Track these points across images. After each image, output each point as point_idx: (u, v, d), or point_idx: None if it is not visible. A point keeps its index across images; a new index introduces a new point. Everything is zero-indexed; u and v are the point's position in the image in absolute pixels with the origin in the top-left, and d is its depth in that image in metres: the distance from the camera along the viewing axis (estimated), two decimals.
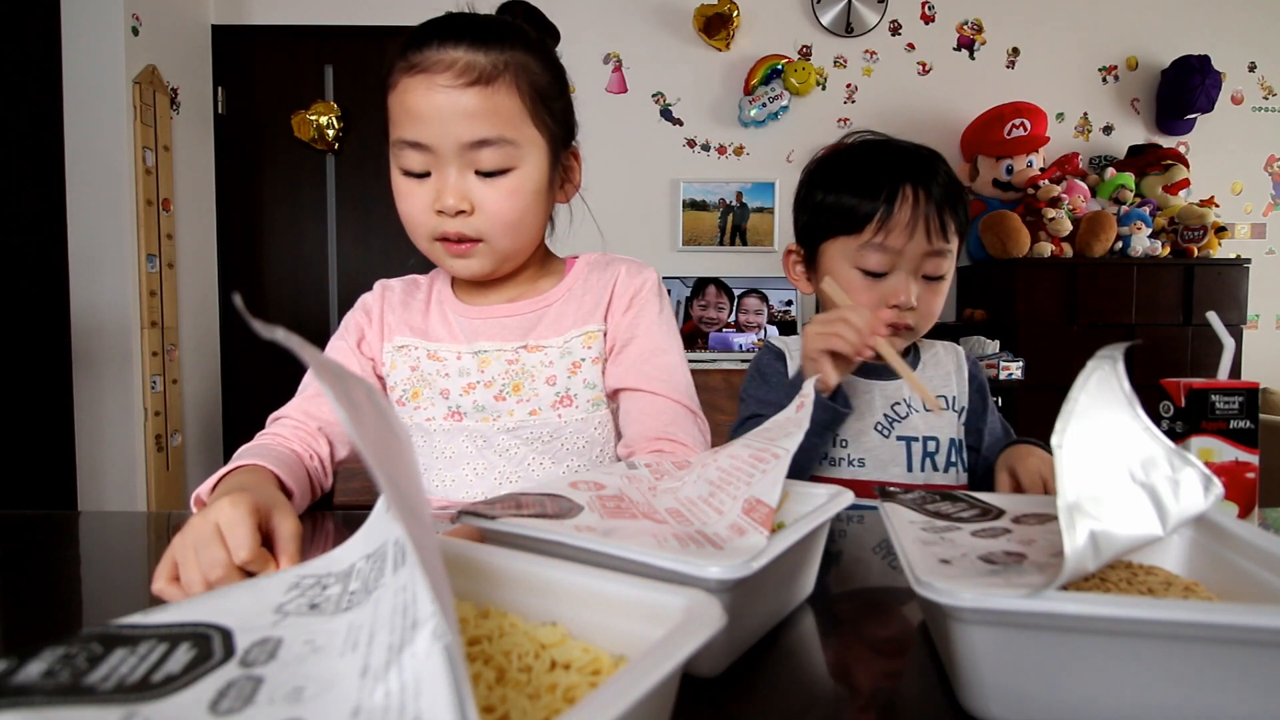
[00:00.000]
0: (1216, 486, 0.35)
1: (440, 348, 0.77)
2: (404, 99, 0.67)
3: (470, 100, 0.65)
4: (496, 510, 0.40)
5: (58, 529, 0.67)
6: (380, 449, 0.24)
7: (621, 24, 3.12)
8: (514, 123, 0.67)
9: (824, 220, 0.82)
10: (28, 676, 0.21)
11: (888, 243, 0.77)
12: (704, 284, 3.02)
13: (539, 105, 0.69)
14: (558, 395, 0.75)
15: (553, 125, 0.71)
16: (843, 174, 0.82)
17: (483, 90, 0.66)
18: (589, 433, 0.76)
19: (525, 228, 0.72)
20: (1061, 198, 2.82)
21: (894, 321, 0.79)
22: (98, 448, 2.48)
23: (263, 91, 3.03)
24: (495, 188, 0.68)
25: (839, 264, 0.81)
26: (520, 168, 0.69)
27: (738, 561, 0.32)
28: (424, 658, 0.19)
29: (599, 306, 0.78)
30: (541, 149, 0.70)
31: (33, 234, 2.39)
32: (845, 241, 0.80)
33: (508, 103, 0.66)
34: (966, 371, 0.90)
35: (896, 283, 0.78)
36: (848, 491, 0.46)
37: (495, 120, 0.66)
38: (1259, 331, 3.25)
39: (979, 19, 3.18)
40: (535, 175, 0.70)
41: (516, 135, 0.67)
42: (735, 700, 0.34)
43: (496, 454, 0.75)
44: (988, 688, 0.31)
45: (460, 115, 0.65)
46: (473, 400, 0.75)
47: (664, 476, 0.51)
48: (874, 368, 0.86)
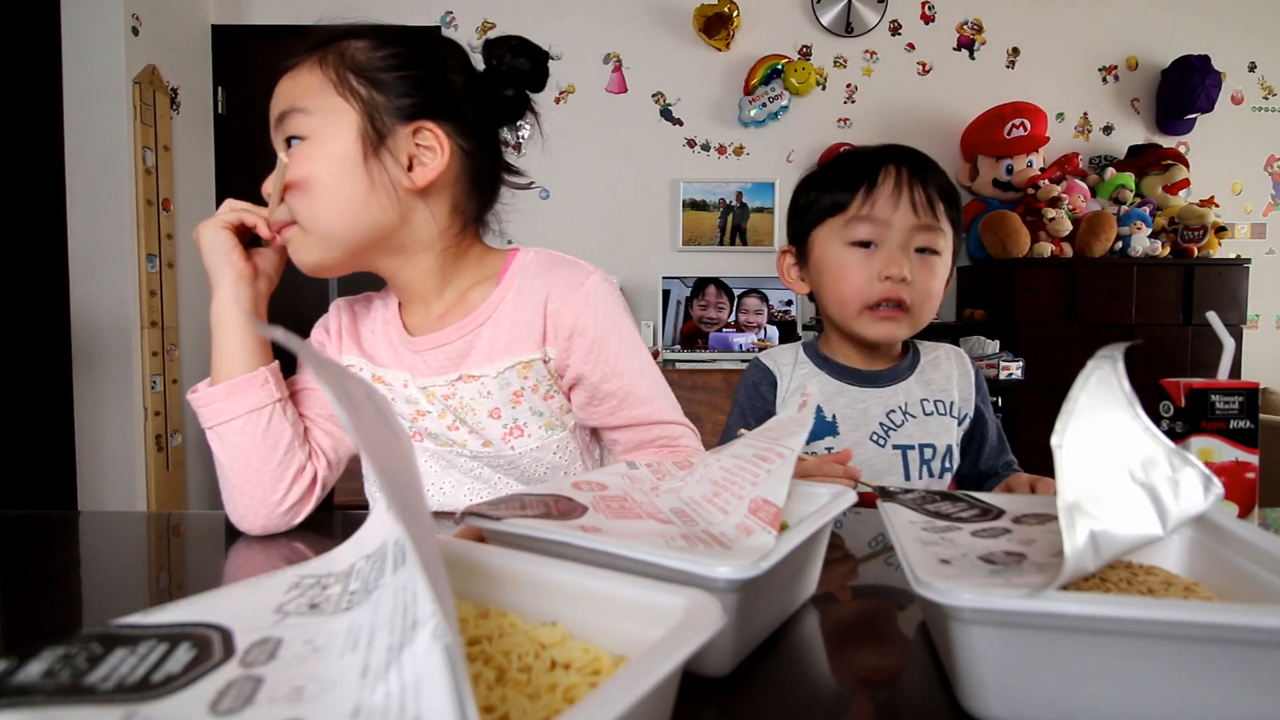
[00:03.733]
0: (1216, 486, 0.35)
1: (386, 373, 0.75)
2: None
3: (284, 83, 0.68)
4: (501, 511, 0.40)
5: (58, 529, 0.67)
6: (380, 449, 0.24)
7: (621, 24, 3.12)
8: (311, 94, 0.66)
9: (813, 211, 0.84)
10: (28, 676, 0.21)
11: (874, 213, 0.79)
12: (704, 284, 3.02)
13: (350, 75, 0.66)
14: (505, 427, 0.72)
15: (369, 95, 0.66)
16: (829, 172, 0.85)
17: (292, 72, 0.68)
18: (548, 459, 0.73)
19: (334, 199, 0.65)
20: (1061, 198, 2.82)
21: (888, 296, 0.79)
22: (98, 448, 2.48)
23: (263, 91, 3.00)
24: (294, 157, 0.65)
25: (829, 246, 0.82)
26: (315, 136, 0.65)
27: (747, 562, 0.32)
28: (424, 658, 0.19)
29: (532, 329, 0.70)
30: (347, 117, 0.65)
31: (33, 234, 2.39)
32: (833, 222, 0.82)
33: (308, 77, 0.67)
34: (972, 377, 0.89)
35: (887, 255, 0.79)
36: (850, 491, 0.46)
37: (293, 94, 0.67)
38: (1259, 331, 3.25)
39: (979, 19, 3.18)
40: (335, 141, 0.65)
41: (310, 104, 0.65)
42: (735, 699, 0.34)
43: (462, 473, 0.74)
44: (988, 688, 0.31)
45: (275, 98, 0.68)
46: (424, 427, 0.73)
47: (666, 477, 0.51)
48: (871, 375, 0.86)
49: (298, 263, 0.69)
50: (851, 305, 0.81)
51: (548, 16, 3.10)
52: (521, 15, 3.09)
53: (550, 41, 3.11)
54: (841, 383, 0.86)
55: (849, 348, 0.88)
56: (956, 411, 0.86)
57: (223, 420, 0.66)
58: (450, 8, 3.09)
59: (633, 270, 3.10)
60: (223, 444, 0.66)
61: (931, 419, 0.84)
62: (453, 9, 3.09)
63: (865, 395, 0.85)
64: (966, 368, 0.89)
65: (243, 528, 0.66)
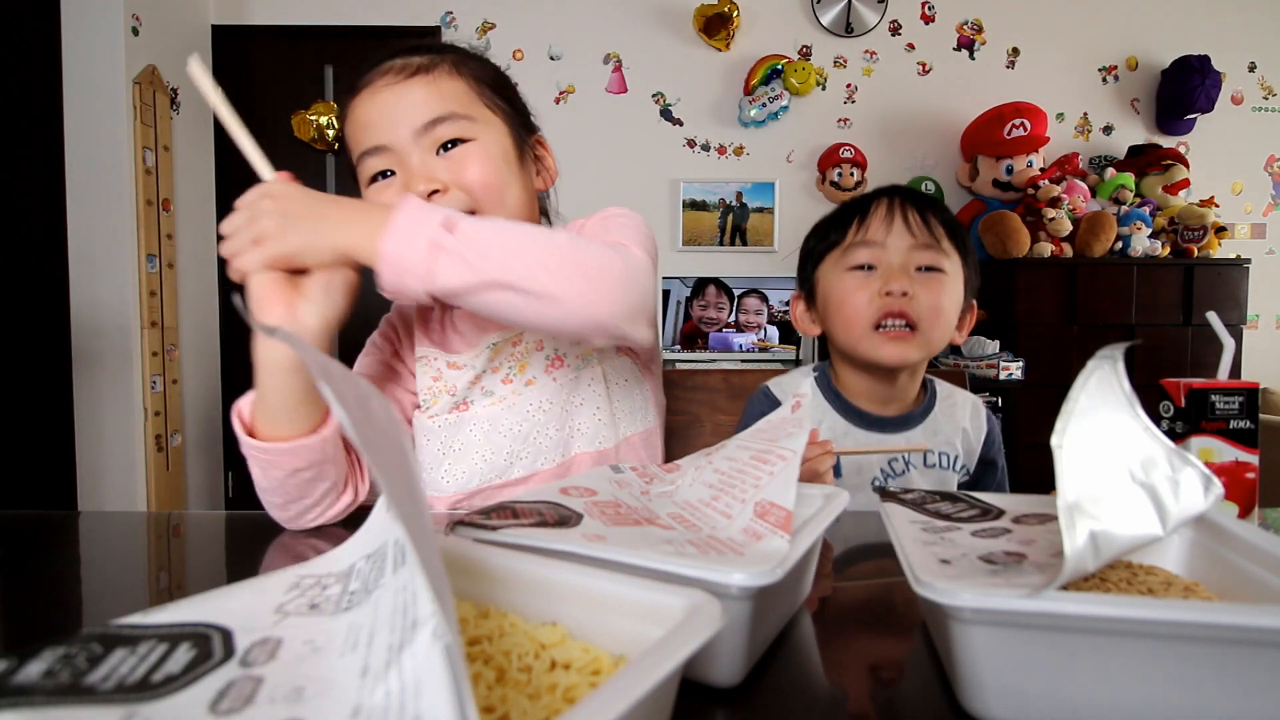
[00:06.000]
0: (1216, 486, 0.35)
1: (460, 358, 0.78)
2: (354, 115, 0.69)
3: (416, 89, 0.66)
4: (494, 520, 0.39)
5: (58, 529, 0.67)
6: (380, 449, 0.24)
7: (621, 24, 3.12)
8: (463, 101, 0.67)
9: (816, 254, 0.87)
10: (28, 676, 0.21)
11: (868, 237, 0.81)
12: (704, 284, 3.02)
13: (486, 90, 0.69)
14: (548, 359, 0.77)
15: (507, 108, 0.71)
16: (829, 217, 0.89)
17: (425, 78, 0.67)
18: (583, 391, 0.77)
19: (509, 195, 0.69)
20: (1061, 198, 2.82)
21: (890, 309, 0.78)
22: (98, 448, 2.48)
23: (263, 91, 3.02)
24: (461, 159, 0.66)
25: (831, 278, 0.84)
26: (480, 138, 0.68)
27: (764, 568, 0.32)
28: (424, 658, 0.19)
29: None
30: (499, 126, 0.70)
31: (33, 234, 2.39)
32: (832, 256, 0.84)
33: (452, 85, 0.67)
34: (984, 432, 0.87)
35: (886, 272, 0.80)
36: (843, 492, 0.46)
37: (444, 100, 0.66)
38: (1259, 331, 3.25)
39: (979, 19, 3.18)
40: (498, 142, 0.69)
41: (468, 111, 0.67)
42: (735, 701, 0.34)
43: (501, 435, 0.76)
44: (988, 688, 0.31)
45: (409, 105, 0.66)
46: (481, 388, 0.77)
47: (653, 480, 0.50)
48: (876, 421, 0.86)
49: None
50: (856, 327, 0.80)
51: (548, 16, 3.10)
52: (521, 15, 3.09)
53: (550, 41, 3.12)
54: (849, 423, 0.85)
55: (861, 382, 0.86)
56: (958, 466, 0.85)
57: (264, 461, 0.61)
58: (450, 8, 3.09)
59: None
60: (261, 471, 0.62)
61: (932, 470, 0.84)
62: (453, 9, 3.09)
63: (870, 440, 0.85)
64: (980, 421, 0.88)
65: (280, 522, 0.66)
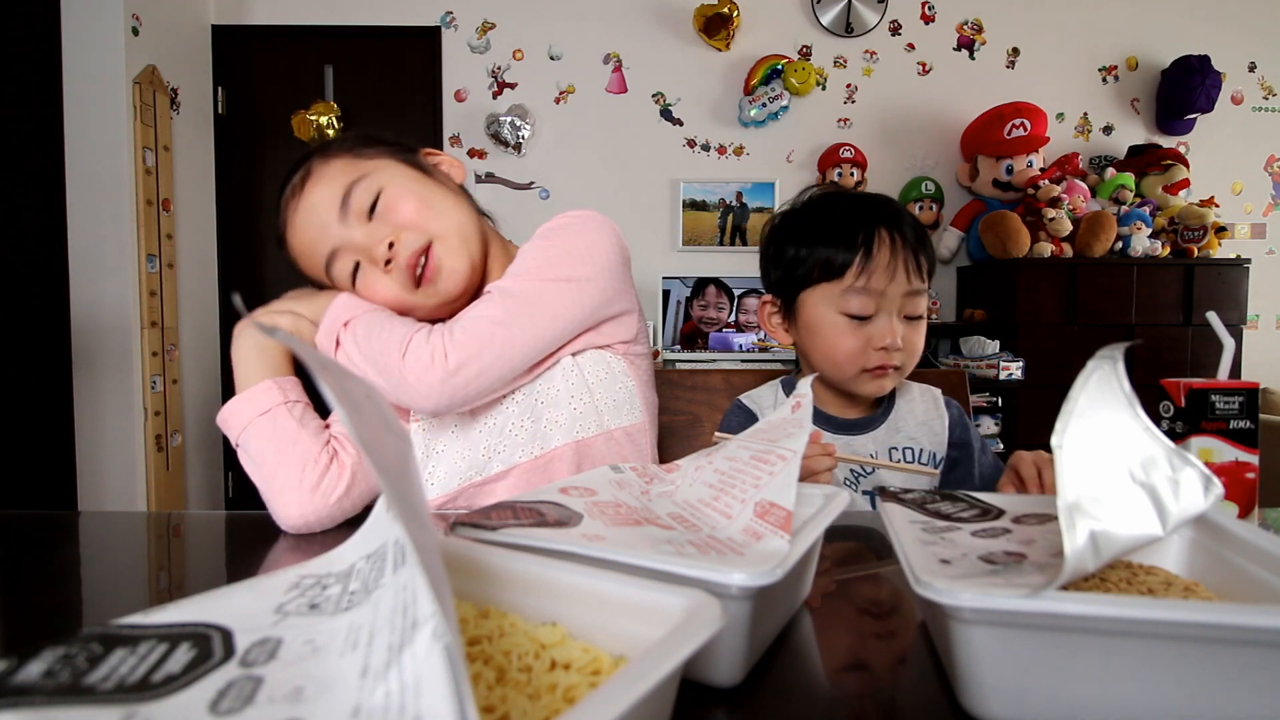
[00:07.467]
0: (1216, 486, 0.35)
1: None
2: (296, 245, 0.78)
3: (315, 190, 0.75)
4: (493, 520, 0.39)
5: (58, 529, 0.67)
6: (380, 448, 0.24)
7: (621, 24, 3.12)
8: (348, 170, 0.75)
9: (802, 271, 0.83)
10: (28, 676, 0.21)
11: (870, 285, 0.79)
12: (704, 284, 3.02)
13: (358, 149, 0.78)
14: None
15: (383, 148, 0.78)
16: (814, 226, 0.84)
17: (315, 179, 0.75)
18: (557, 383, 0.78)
19: (442, 207, 0.76)
20: (1061, 198, 2.82)
21: (883, 364, 0.80)
22: (98, 448, 2.48)
23: (263, 91, 3.03)
24: (387, 209, 0.74)
25: (821, 310, 0.82)
26: (385, 184, 0.75)
27: (764, 568, 0.32)
28: (424, 658, 0.19)
29: None
30: (388, 163, 0.77)
31: (33, 234, 2.39)
32: (827, 288, 0.81)
33: (333, 166, 0.76)
34: (947, 419, 0.88)
35: (882, 325, 0.80)
36: (843, 492, 0.46)
37: (336, 180, 0.75)
38: (1259, 331, 3.25)
39: (979, 19, 3.18)
40: (400, 175, 0.76)
41: (359, 172, 0.75)
42: (734, 702, 0.34)
43: (477, 431, 0.78)
44: (988, 688, 0.31)
45: (319, 202, 0.75)
46: None
47: (654, 480, 0.50)
48: (843, 424, 0.87)
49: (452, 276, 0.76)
50: (847, 370, 0.82)
51: (548, 16, 3.10)
52: (521, 15, 3.09)
53: (550, 41, 3.12)
54: (818, 427, 0.86)
55: (828, 394, 0.89)
56: (924, 459, 0.87)
57: (240, 430, 0.70)
58: (450, 8, 3.09)
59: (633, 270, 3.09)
60: (248, 455, 0.70)
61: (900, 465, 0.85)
62: (452, 9, 3.09)
63: (838, 442, 0.86)
64: (940, 409, 0.89)
65: (286, 526, 0.67)
